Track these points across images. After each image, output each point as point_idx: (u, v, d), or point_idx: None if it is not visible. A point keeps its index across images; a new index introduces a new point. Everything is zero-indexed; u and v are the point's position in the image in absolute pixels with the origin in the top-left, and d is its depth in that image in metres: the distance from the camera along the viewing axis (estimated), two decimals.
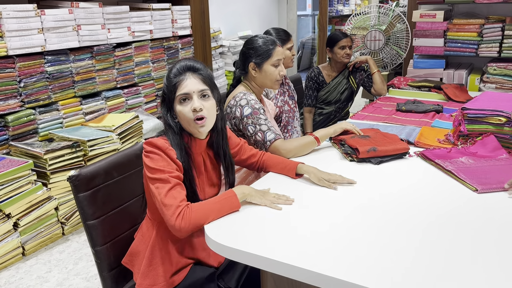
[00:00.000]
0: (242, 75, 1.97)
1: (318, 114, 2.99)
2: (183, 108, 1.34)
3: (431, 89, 2.72)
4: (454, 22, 3.00)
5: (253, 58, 1.88)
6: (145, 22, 3.46)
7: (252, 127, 1.80)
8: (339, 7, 6.82)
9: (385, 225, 1.23)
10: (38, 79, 2.80)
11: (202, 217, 1.23)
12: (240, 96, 1.85)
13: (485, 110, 1.73)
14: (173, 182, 1.26)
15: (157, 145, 1.31)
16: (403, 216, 1.28)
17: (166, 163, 1.29)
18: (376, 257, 1.07)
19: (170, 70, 1.38)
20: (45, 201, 2.59)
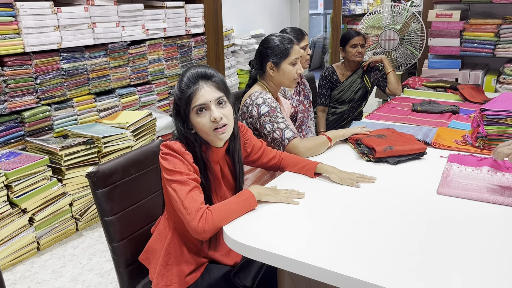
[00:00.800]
0: (259, 75, 1.97)
1: (331, 113, 2.98)
2: (201, 119, 1.28)
3: (446, 90, 2.69)
4: (471, 22, 2.97)
5: (271, 57, 1.88)
6: (159, 20, 3.48)
7: (269, 125, 1.80)
8: (351, 6, 6.79)
9: (407, 226, 1.22)
10: (54, 76, 2.82)
11: (224, 219, 1.22)
12: (256, 95, 1.85)
13: (504, 111, 1.71)
14: (191, 185, 1.23)
15: (174, 148, 1.28)
16: (425, 217, 1.27)
17: (183, 165, 1.27)
18: (397, 258, 1.07)
19: (181, 80, 1.30)
20: (60, 197, 2.61)
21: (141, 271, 1.53)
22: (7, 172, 2.34)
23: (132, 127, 2.95)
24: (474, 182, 1.44)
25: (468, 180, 1.45)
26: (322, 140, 1.80)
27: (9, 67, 2.58)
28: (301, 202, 1.38)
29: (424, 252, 1.09)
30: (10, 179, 2.35)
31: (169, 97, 3.69)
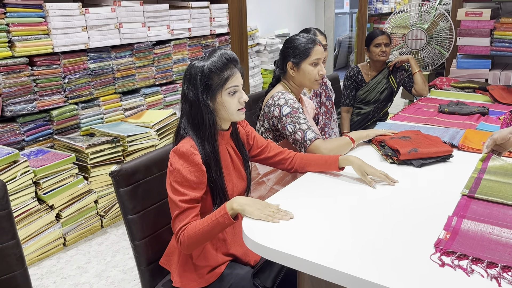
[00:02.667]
0: (282, 75, 1.96)
1: (356, 114, 2.94)
2: (231, 99, 1.40)
3: (475, 90, 2.61)
4: (502, 21, 2.87)
5: (291, 57, 1.87)
6: (184, 21, 3.51)
7: (291, 126, 1.79)
8: (378, 5, 6.69)
9: (430, 231, 1.19)
10: (81, 76, 2.89)
11: (196, 241, 1.29)
12: (278, 95, 1.84)
13: None
14: (181, 207, 1.31)
15: (182, 151, 1.33)
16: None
17: (182, 180, 1.31)
18: (418, 263, 1.04)
19: (217, 60, 1.37)
20: (86, 194, 2.67)
21: (162, 270, 1.54)
22: (35, 169, 2.40)
23: (157, 126, 2.98)
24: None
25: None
26: (345, 141, 1.78)
27: (39, 67, 2.65)
28: (320, 203, 1.36)
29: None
30: (38, 176, 2.42)
31: None
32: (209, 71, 1.37)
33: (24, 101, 2.61)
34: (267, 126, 1.90)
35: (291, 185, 1.52)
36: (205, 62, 1.37)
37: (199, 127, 1.38)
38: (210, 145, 1.38)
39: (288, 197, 1.43)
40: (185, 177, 1.31)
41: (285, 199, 1.40)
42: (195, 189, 1.32)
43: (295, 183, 1.53)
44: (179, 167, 1.32)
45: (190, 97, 1.38)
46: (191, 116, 1.39)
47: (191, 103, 1.38)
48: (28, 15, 2.57)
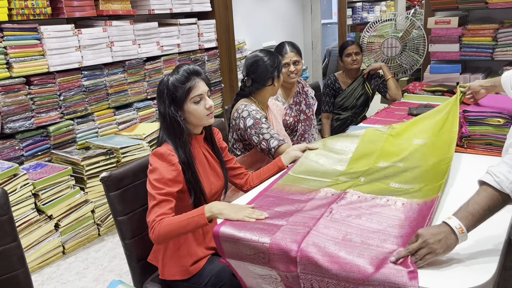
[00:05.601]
0: (246, 89, 2.14)
1: (335, 119, 3.12)
2: (197, 107, 1.57)
3: (444, 93, 2.79)
4: (469, 28, 3.07)
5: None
6: (173, 37, 3.69)
7: (256, 137, 1.96)
8: (363, 14, 6.90)
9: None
10: (76, 93, 3.05)
11: (169, 232, 1.41)
12: (241, 108, 2.02)
13: (484, 112, 1.82)
14: (158, 199, 1.46)
15: (161, 153, 1.51)
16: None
17: (160, 177, 1.48)
18: None
19: (177, 75, 1.56)
20: (83, 204, 2.82)
21: (151, 267, 1.70)
22: (34, 182, 2.56)
23: (149, 137, 3.14)
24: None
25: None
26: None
27: (35, 86, 2.82)
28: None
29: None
30: (37, 188, 2.58)
31: None
32: (173, 86, 1.55)
33: (22, 119, 2.78)
34: (236, 137, 2.08)
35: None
36: (170, 77, 1.56)
37: (173, 135, 1.56)
38: (182, 151, 1.56)
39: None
40: (162, 174, 1.47)
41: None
42: (171, 186, 1.48)
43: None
44: (157, 165, 1.49)
45: (161, 110, 1.57)
46: (165, 127, 1.57)
47: (163, 116, 1.57)
48: (24, 37, 2.74)
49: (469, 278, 1.07)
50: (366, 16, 6.89)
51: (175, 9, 3.65)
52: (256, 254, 1.28)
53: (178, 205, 1.51)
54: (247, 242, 1.29)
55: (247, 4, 4.82)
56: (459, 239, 1.10)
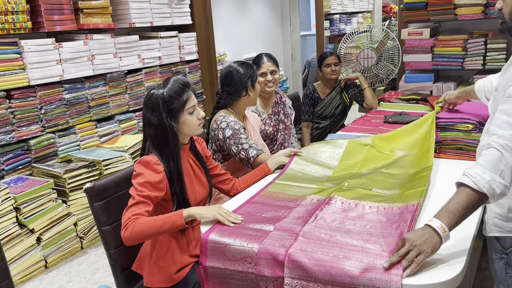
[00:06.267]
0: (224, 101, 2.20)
1: (315, 128, 3.20)
2: (192, 117, 1.63)
3: (418, 102, 2.90)
4: (440, 39, 3.20)
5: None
6: (154, 50, 3.73)
7: (235, 147, 2.02)
8: (341, 26, 7.05)
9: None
10: (57, 106, 3.06)
11: (142, 230, 1.41)
12: (220, 119, 2.08)
13: (454, 118, 1.91)
14: (137, 199, 1.48)
15: (146, 161, 1.54)
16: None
17: (143, 180, 1.51)
18: None
19: (172, 87, 1.58)
20: (65, 217, 2.82)
21: (136, 276, 1.72)
22: (16, 196, 2.55)
23: (131, 149, 3.16)
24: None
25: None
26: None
27: (16, 100, 2.82)
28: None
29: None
30: (18, 202, 2.57)
31: None
32: (169, 97, 1.58)
33: (2, 133, 2.77)
34: (215, 148, 2.13)
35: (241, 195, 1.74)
36: (163, 89, 1.58)
37: (163, 147, 1.58)
38: (174, 162, 1.58)
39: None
40: (146, 179, 1.51)
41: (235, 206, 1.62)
42: (151, 190, 1.51)
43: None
44: (142, 171, 1.52)
45: (155, 122, 1.57)
46: (155, 139, 1.58)
47: (156, 127, 1.58)
48: (4, 52, 2.75)
49: (440, 272, 1.14)
50: (343, 28, 7.05)
51: (155, 23, 3.70)
52: (243, 259, 1.33)
53: (161, 212, 1.54)
54: (236, 247, 1.33)
55: (227, 16, 4.91)
56: (442, 238, 1.16)
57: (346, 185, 1.68)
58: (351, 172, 1.82)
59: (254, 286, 1.34)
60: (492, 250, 1.45)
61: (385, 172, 1.77)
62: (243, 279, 1.35)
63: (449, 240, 1.17)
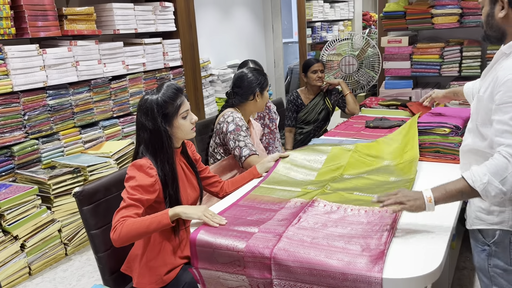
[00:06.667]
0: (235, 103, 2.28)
1: (298, 133, 3.27)
2: (185, 121, 1.68)
3: (398, 107, 3.00)
4: (418, 46, 3.31)
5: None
6: (138, 56, 3.75)
7: (232, 142, 2.09)
8: (323, 33, 7.18)
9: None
10: (40, 112, 3.05)
11: (130, 230, 1.45)
12: (228, 114, 2.16)
13: (431, 122, 1.99)
14: (127, 202, 1.51)
15: (140, 164, 1.57)
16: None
17: (136, 184, 1.54)
18: None
19: (166, 93, 1.63)
20: (49, 224, 2.80)
21: (125, 278, 1.74)
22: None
23: (116, 155, 3.17)
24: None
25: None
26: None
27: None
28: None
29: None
30: (2, 208, 2.55)
31: None
32: (164, 102, 1.62)
33: None
34: (218, 142, 2.19)
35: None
36: (157, 95, 1.62)
37: (158, 151, 1.61)
38: (169, 165, 1.62)
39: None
40: (138, 182, 1.54)
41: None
42: (143, 193, 1.54)
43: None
44: (135, 174, 1.55)
45: (149, 127, 1.61)
46: (150, 143, 1.62)
47: (150, 132, 1.61)
48: None
49: (420, 266, 1.20)
50: (325, 35, 7.18)
51: (140, 29, 3.73)
52: (231, 262, 1.37)
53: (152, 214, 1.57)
54: (223, 250, 1.37)
55: (211, 24, 4.96)
56: (426, 206, 1.33)
57: (329, 189, 1.74)
58: (334, 176, 1.88)
59: (247, 285, 1.37)
60: (474, 243, 1.54)
61: (366, 177, 1.84)
62: (235, 279, 1.39)
63: (428, 235, 1.24)
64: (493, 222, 1.44)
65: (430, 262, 1.21)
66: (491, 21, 1.39)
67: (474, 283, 2.42)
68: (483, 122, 1.40)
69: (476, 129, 1.45)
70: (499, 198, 1.28)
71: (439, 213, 1.48)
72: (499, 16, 1.35)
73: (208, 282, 1.44)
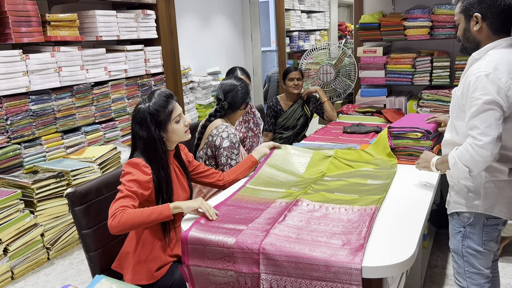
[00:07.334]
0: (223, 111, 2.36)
1: (278, 138, 3.38)
2: (179, 125, 1.75)
3: (373, 114, 3.15)
4: (392, 56, 3.49)
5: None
6: (120, 62, 3.79)
7: (224, 159, 2.17)
8: (300, 42, 7.36)
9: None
10: (23, 117, 3.06)
11: (130, 218, 1.51)
12: (222, 128, 2.22)
13: (405, 127, 2.13)
14: (125, 193, 1.58)
15: (136, 162, 1.65)
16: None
17: (133, 178, 1.61)
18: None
19: (158, 100, 1.70)
20: (32, 228, 2.81)
21: (115, 276, 1.78)
22: None
23: (99, 160, 3.20)
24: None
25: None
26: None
27: None
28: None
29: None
30: None
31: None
32: (156, 110, 1.70)
33: None
34: (210, 154, 2.25)
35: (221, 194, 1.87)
36: (149, 103, 1.70)
37: (153, 158, 1.68)
38: (163, 171, 1.69)
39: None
40: (135, 177, 1.61)
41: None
42: (139, 188, 1.61)
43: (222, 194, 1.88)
44: (131, 171, 1.62)
45: (144, 136, 1.68)
46: (146, 151, 1.69)
47: (145, 140, 1.68)
48: None
49: (395, 255, 1.33)
50: (302, 45, 7.36)
51: (122, 36, 3.78)
52: (222, 258, 1.45)
53: None
54: (213, 246, 1.46)
55: (192, 32, 5.04)
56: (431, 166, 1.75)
57: (311, 190, 1.85)
58: (316, 178, 2.00)
59: (234, 281, 1.46)
60: (452, 227, 1.76)
61: (346, 180, 1.96)
62: (224, 275, 1.47)
63: (402, 227, 1.44)
64: (469, 205, 1.65)
65: (405, 251, 1.33)
66: (467, 34, 1.63)
67: (445, 279, 2.56)
68: (458, 116, 1.65)
69: (453, 124, 1.69)
70: (466, 174, 1.55)
71: (412, 209, 1.62)
72: (475, 29, 1.59)
73: (196, 279, 1.52)
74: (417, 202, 1.71)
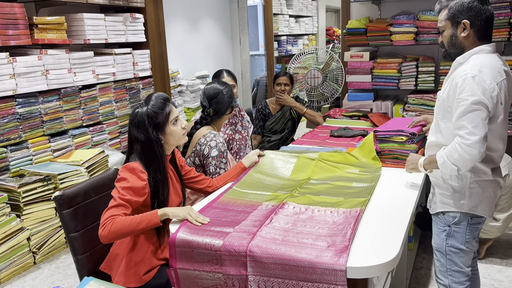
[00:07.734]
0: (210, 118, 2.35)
1: (267, 141, 3.41)
2: (176, 127, 1.77)
3: (360, 118, 3.19)
4: (378, 61, 3.54)
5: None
6: (108, 66, 3.78)
7: (213, 168, 2.18)
8: (288, 47, 7.41)
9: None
10: (9, 120, 3.04)
11: (120, 228, 1.53)
12: (211, 136, 2.22)
13: (390, 131, 2.18)
14: (118, 202, 1.59)
15: (133, 167, 1.65)
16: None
17: (127, 185, 1.61)
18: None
19: (155, 103, 1.72)
20: (18, 232, 2.79)
21: (103, 278, 1.78)
22: None
23: (86, 163, 3.19)
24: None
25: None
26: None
27: None
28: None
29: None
30: None
31: (119, 135, 3.95)
32: (154, 113, 1.71)
33: None
34: (198, 163, 2.25)
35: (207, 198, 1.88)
36: (146, 107, 1.71)
37: (151, 160, 1.69)
38: (161, 173, 1.70)
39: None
40: (129, 184, 1.62)
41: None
42: (133, 195, 1.62)
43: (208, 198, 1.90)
44: (126, 176, 1.63)
45: (142, 139, 1.69)
46: (143, 154, 1.70)
47: (143, 143, 1.69)
48: None
49: (380, 256, 1.36)
50: (290, 49, 7.41)
51: (110, 39, 3.77)
52: (210, 261, 1.47)
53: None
54: (201, 249, 1.47)
55: (180, 35, 5.05)
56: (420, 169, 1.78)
57: (297, 193, 1.88)
58: (301, 181, 2.02)
59: (222, 283, 1.47)
60: (436, 226, 1.80)
61: (331, 183, 1.99)
62: (211, 278, 1.48)
63: (386, 228, 1.48)
64: (456, 205, 1.71)
65: (389, 252, 1.36)
66: (454, 40, 1.69)
67: (430, 281, 2.61)
68: (443, 117, 1.70)
69: (437, 125, 1.74)
70: (455, 172, 1.59)
71: (397, 210, 1.65)
72: (462, 35, 1.66)
73: (183, 283, 1.53)
74: (402, 204, 1.75)
